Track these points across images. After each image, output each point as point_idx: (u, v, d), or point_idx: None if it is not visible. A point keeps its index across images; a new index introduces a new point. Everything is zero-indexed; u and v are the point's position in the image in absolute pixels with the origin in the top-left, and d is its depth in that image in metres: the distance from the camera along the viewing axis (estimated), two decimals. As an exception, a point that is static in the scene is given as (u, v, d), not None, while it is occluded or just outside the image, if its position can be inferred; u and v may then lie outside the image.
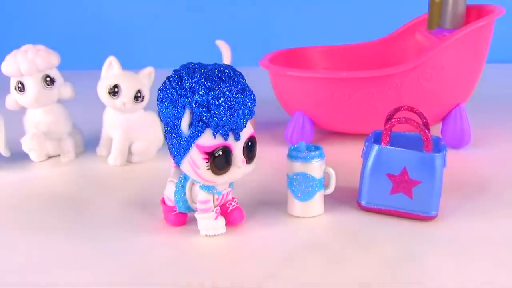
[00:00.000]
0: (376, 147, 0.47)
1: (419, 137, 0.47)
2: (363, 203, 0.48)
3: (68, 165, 0.64)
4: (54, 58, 0.62)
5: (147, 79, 0.63)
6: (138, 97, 0.61)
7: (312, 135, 0.67)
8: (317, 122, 0.67)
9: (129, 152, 0.64)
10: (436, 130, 0.68)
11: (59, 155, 0.65)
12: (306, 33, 1.17)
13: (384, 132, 0.47)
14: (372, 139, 0.49)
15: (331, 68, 0.80)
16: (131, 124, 0.62)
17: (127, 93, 0.60)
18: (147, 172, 0.61)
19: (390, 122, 0.47)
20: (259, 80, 0.62)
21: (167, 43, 1.24)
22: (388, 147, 0.47)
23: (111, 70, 0.61)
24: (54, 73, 0.63)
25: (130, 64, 0.68)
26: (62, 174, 0.61)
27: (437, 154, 0.45)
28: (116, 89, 0.60)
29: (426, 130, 0.46)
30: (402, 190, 0.46)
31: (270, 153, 0.64)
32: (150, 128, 0.63)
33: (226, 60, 0.70)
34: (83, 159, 0.66)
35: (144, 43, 1.24)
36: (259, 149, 0.44)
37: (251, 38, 1.19)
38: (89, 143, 0.69)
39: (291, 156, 0.47)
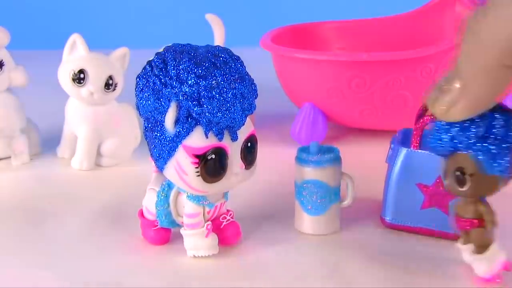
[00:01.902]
0: (404, 151, 0.47)
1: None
2: (387, 219, 0.49)
3: (20, 169, 0.64)
4: (1, 36, 0.63)
5: (120, 62, 0.63)
6: (109, 85, 0.61)
7: (324, 132, 0.68)
8: (331, 116, 0.68)
9: (98, 154, 0.64)
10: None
11: (9, 157, 0.66)
12: (317, 5, 1.18)
13: (415, 131, 0.48)
14: (400, 140, 0.50)
15: (348, 49, 0.81)
16: (101, 119, 0.63)
17: (95, 80, 0.61)
18: (120, 178, 0.62)
19: (422, 119, 0.47)
20: (259, 64, 0.63)
21: (146, 18, 1.24)
22: (419, 150, 0.47)
23: (75, 52, 0.62)
24: (2, 55, 0.63)
25: (98, 43, 0.69)
26: (13, 181, 0.62)
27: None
28: (81, 75, 0.60)
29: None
30: (436, 205, 0.47)
31: (274, 156, 0.65)
32: (124, 124, 0.64)
33: (219, 39, 0.70)
34: (39, 161, 0.66)
35: (116, 18, 1.24)
36: (260, 151, 0.44)
37: (249, 11, 1.19)
38: (47, 142, 0.69)
39: (300, 159, 0.48)
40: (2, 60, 0.63)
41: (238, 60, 0.42)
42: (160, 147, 0.42)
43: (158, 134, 0.42)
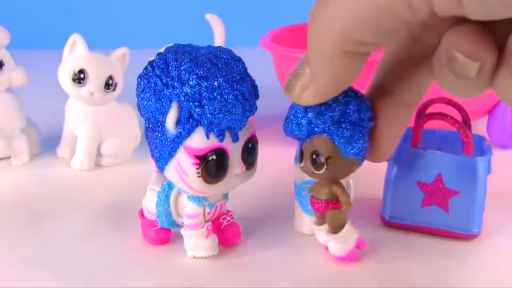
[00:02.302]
0: (403, 149, 0.48)
1: (458, 135, 0.48)
2: (387, 217, 0.49)
3: (20, 169, 0.65)
4: (1, 36, 0.63)
5: (120, 62, 0.63)
6: (109, 85, 0.61)
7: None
8: (331, 116, 0.68)
9: (98, 154, 0.64)
10: (479, 127, 0.69)
11: (9, 157, 0.66)
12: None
13: (414, 129, 0.48)
14: (399, 138, 0.50)
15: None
16: (101, 119, 0.63)
17: (95, 80, 0.61)
18: (120, 178, 0.62)
19: (422, 117, 0.48)
20: (259, 63, 0.63)
21: (146, 18, 1.24)
22: (419, 148, 0.48)
23: (76, 52, 0.62)
24: (2, 55, 0.63)
25: (98, 43, 0.69)
26: (13, 181, 0.62)
27: (480, 157, 0.46)
28: (81, 75, 0.61)
29: (466, 128, 0.47)
30: (436, 202, 0.47)
31: (274, 156, 0.65)
32: (125, 124, 0.64)
33: (219, 39, 0.70)
34: (39, 161, 0.66)
35: (116, 18, 1.24)
36: (261, 151, 0.45)
37: (249, 11, 1.19)
38: (47, 142, 0.69)
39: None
40: (2, 60, 0.63)
41: (239, 61, 0.42)
42: (161, 148, 0.42)
43: (159, 135, 0.42)
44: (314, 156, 0.40)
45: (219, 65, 0.41)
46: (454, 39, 0.31)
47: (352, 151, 0.39)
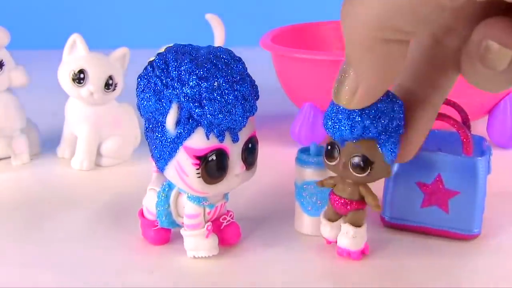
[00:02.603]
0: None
1: (457, 136, 0.48)
2: (387, 218, 0.49)
3: (21, 169, 0.65)
4: (1, 36, 0.63)
5: (120, 62, 0.63)
6: (109, 85, 0.61)
7: (325, 132, 0.68)
8: (331, 116, 0.68)
9: (98, 154, 0.64)
10: (479, 127, 0.69)
11: (9, 157, 0.66)
12: (317, 5, 1.18)
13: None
14: (399, 139, 0.50)
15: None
16: (101, 119, 0.63)
17: (95, 80, 0.61)
18: (120, 178, 0.62)
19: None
20: (259, 64, 0.63)
21: (146, 18, 1.24)
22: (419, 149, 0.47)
23: (75, 52, 0.62)
24: (2, 55, 0.63)
25: (98, 43, 0.69)
26: (13, 181, 0.62)
27: (480, 158, 0.46)
28: (81, 75, 0.61)
29: (465, 128, 0.47)
30: (436, 203, 0.47)
31: (274, 156, 0.65)
32: (125, 124, 0.64)
33: (219, 39, 0.70)
34: (39, 161, 0.66)
35: (116, 18, 1.24)
36: (260, 151, 0.45)
37: (249, 11, 1.19)
38: (47, 142, 0.70)
39: (300, 160, 0.48)
40: (2, 60, 0.63)
41: (239, 61, 0.42)
42: (161, 148, 0.42)
43: (159, 135, 0.42)
44: (356, 160, 0.40)
45: (219, 66, 0.41)
46: (487, 30, 0.32)
47: (392, 157, 0.40)
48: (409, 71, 0.40)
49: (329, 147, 0.42)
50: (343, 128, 0.40)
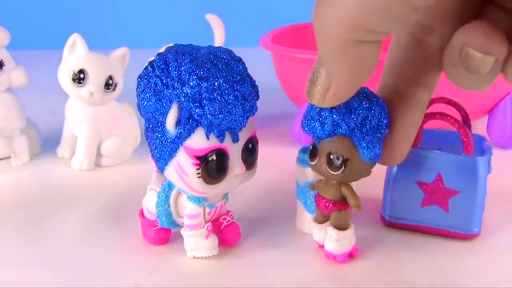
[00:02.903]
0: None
1: (458, 135, 0.48)
2: (387, 217, 0.49)
3: (21, 169, 0.65)
4: (1, 36, 0.63)
5: (120, 62, 0.63)
6: (109, 85, 0.61)
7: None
8: (331, 116, 0.68)
9: (98, 154, 0.64)
10: (479, 126, 0.69)
11: (9, 157, 0.66)
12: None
13: (414, 129, 0.48)
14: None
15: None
16: (101, 119, 0.63)
17: (95, 80, 0.61)
18: (120, 178, 0.62)
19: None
20: (259, 64, 0.63)
21: (146, 18, 1.24)
22: (419, 148, 0.47)
23: (75, 52, 0.62)
24: (2, 55, 0.63)
25: (98, 43, 0.69)
26: (13, 181, 0.62)
27: (480, 157, 0.46)
28: (81, 75, 0.61)
29: (466, 128, 0.47)
30: (436, 202, 0.47)
31: (274, 156, 0.65)
32: (125, 124, 0.64)
33: (219, 39, 0.70)
34: (39, 161, 0.66)
35: (116, 18, 1.24)
36: (260, 151, 0.45)
37: (249, 11, 1.19)
38: (47, 142, 0.69)
39: (302, 161, 0.48)
40: (2, 60, 0.63)
41: (239, 61, 0.42)
42: (161, 148, 0.42)
43: (159, 135, 0.42)
44: (331, 157, 0.41)
45: (220, 66, 0.41)
46: (467, 37, 0.32)
47: (370, 156, 0.40)
48: (393, 72, 0.41)
49: (311, 147, 0.43)
50: (315, 125, 0.40)
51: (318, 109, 0.40)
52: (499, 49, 0.31)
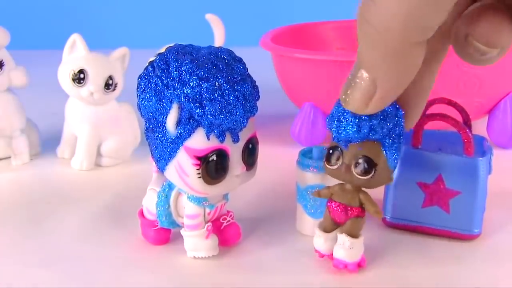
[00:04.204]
0: (403, 149, 0.47)
1: (458, 136, 0.48)
2: (388, 218, 0.49)
3: (20, 169, 0.65)
4: (1, 36, 0.63)
5: (120, 62, 0.63)
6: (109, 85, 0.61)
7: (324, 132, 0.68)
8: (331, 116, 0.68)
9: (98, 154, 0.64)
10: (479, 127, 0.69)
11: (9, 157, 0.66)
12: (317, 5, 1.18)
13: (415, 130, 0.48)
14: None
15: (348, 49, 0.81)
16: (101, 119, 0.63)
17: (95, 80, 0.61)
18: (120, 178, 0.62)
19: (421, 118, 0.48)
20: (259, 64, 0.63)
21: (146, 18, 1.24)
22: (419, 149, 0.47)
23: (75, 52, 0.62)
24: (2, 55, 0.63)
25: (98, 43, 0.69)
26: (13, 181, 0.62)
27: (481, 158, 0.46)
28: (81, 75, 0.60)
29: (466, 128, 0.47)
30: (437, 203, 0.47)
31: (274, 156, 0.65)
32: (125, 124, 0.64)
33: (219, 39, 0.70)
34: (39, 161, 0.66)
35: (116, 18, 1.24)
36: (260, 151, 0.44)
37: (249, 11, 1.19)
38: (47, 142, 0.69)
39: (302, 164, 0.47)
40: (2, 60, 0.63)
41: (240, 61, 0.42)
42: (161, 148, 0.42)
43: (159, 135, 0.42)
44: (361, 161, 0.39)
45: (220, 66, 0.41)
46: (470, 30, 0.31)
47: (395, 163, 0.40)
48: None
49: (330, 151, 0.41)
50: (349, 127, 0.39)
51: (354, 115, 0.38)
52: (504, 41, 0.31)
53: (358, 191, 0.42)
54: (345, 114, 0.39)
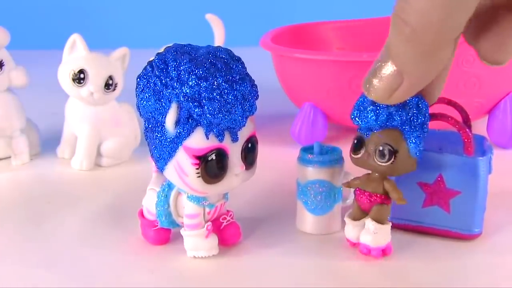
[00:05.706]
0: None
1: (458, 136, 0.48)
2: (389, 218, 0.49)
3: (20, 169, 0.65)
4: (1, 36, 0.63)
5: (121, 62, 0.63)
6: (109, 85, 0.61)
7: (324, 132, 0.68)
8: (330, 115, 0.68)
9: (98, 154, 0.64)
10: (479, 127, 0.69)
11: (9, 157, 0.66)
12: (317, 5, 1.18)
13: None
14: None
15: (348, 49, 0.81)
16: (101, 119, 0.63)
17: (95, 80, 0.61)
18: (120, 178, 0.62)
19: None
20: (259, 64, 0.63)
21: (146, 18, 1.24)
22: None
23: (75, 52, 0.62)
24: (2, 55, 0.63)
25: (98, 43, 0.69)
26: (13, 181, 0.62)
27: (481, 158, 0.46)
28: (81, 75, 0.61)
29: (466, 128, 0.47)
30: (437, 203, 0.47)
31: (274, 156, 0.65)
32: (125, 124, 0.64)
33: (219, 39, 0.71)
34: (39, 161, 0.66)
35: (116, 18, 1.24)
36: (260, 150, 0.44)
37: (249, 11, 1.19)
38: (47, 142, 0.69)
39: (303, 159, 0.48)
40: (2, 60, 0.63)
41: (239, 61, 0.42)
42: (161, 148, 0.42)
43: (158, 135, 0.42)
44: (381, 148, 0.41)
45: (219, 65, 0.40)
46: (478, 46, 0.33)
47: (416, 150, 0.41)
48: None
49: (355, 141, 0.43)
50: (368, 115, 0.41)
51: (374, 103, 0.41)
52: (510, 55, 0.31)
53: (383, 179, 0.43)
54: (364, 103, 0.41)
